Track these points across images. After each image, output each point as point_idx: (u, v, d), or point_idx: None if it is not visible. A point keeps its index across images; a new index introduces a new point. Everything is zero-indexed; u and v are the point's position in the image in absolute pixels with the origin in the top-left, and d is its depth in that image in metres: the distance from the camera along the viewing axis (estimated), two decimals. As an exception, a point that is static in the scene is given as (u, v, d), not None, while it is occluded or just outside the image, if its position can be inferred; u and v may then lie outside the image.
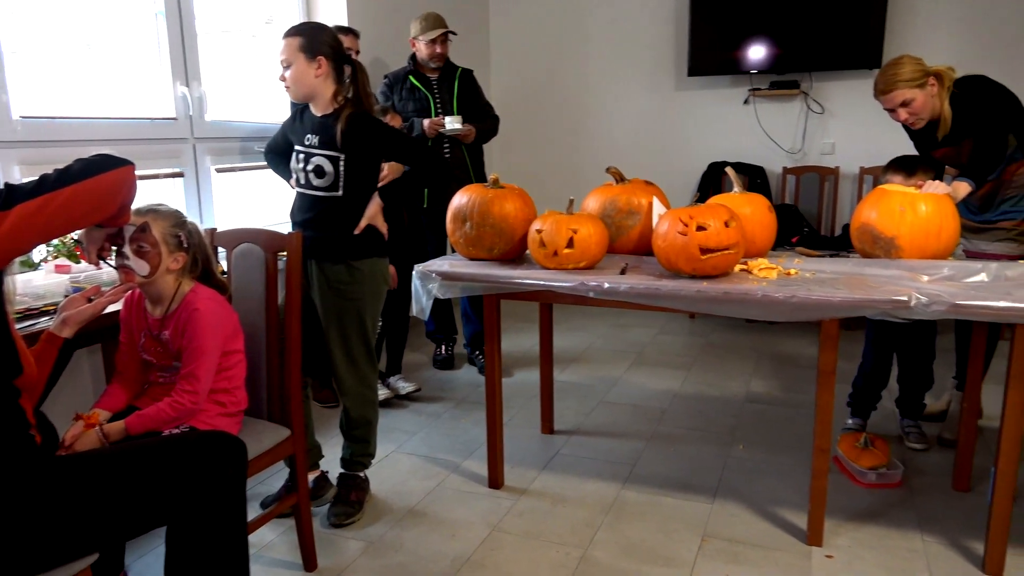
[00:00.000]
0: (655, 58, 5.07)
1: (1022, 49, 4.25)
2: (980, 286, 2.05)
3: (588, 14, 5.20)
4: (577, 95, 5.34)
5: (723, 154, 4.96)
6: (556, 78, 5.37)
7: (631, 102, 5.20)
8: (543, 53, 5.36)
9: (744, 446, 2.93)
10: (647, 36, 5.06)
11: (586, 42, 5.23)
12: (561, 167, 5.40)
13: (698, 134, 5.05)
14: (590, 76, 5.27)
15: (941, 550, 2.20)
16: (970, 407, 2.49)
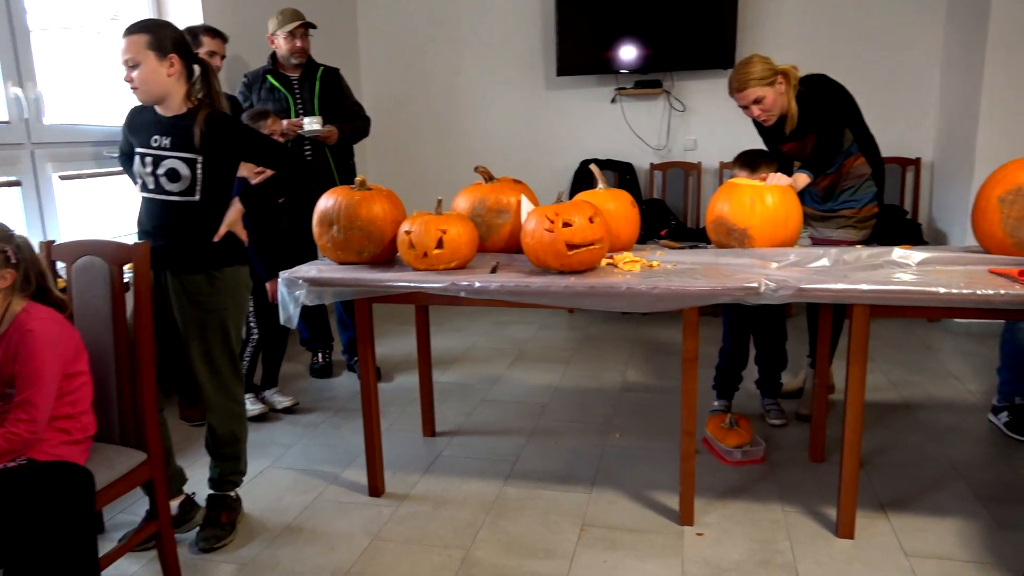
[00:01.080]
0: (525, 58, 5.14)
1: (859, 49, 4.61)
2: (822, 270, 2.20)
3: (458, 16, 5.20)
4: (449, 95, 5.33)
5: (594, 151, 5.09)
6: (428, 78, 5.34)
7: (503, 102, 5.24)
8: (414, 53, 5.32)
9: (620, 434, 3.01)
10: (517, 37, 5.12)
11: (457, 43, 5.23)
12: (435, 167, 5.37)
13: (569, 132, 5.16)
14: (462, 76, 5.28)
15: (800, 518, 2.35)
16: (820, 383, 2.67)
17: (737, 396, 3.11)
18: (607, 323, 4.65)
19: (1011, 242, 2.19)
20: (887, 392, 3.38)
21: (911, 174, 4.67)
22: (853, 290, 2.00)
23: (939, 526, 2.28)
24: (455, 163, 5.31)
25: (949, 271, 2.14)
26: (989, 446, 2.82)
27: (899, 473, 2.62)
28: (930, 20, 4.52)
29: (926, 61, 4.57)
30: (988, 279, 2.03)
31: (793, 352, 3.23)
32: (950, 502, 2.42)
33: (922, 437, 2.91)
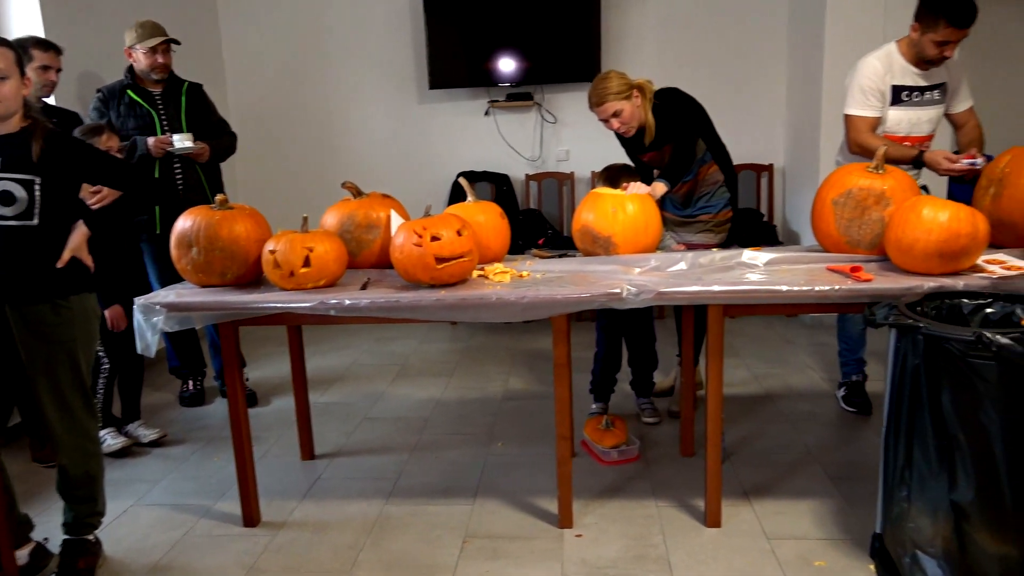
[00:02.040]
0: (397, 72, 5.12)
1: (713, 64, 4.90)
2: (680, 274, 2.32)
3: (326, 30, 5.11)
4: (320, 110, 5.23)
5: (470, 164, 5.13)
6: (297, 93, 5.21)
7: (376, 116, 5.20)
8: (282, 68, 5.18)
9: (503, 443, 3.05)
10: (388, 51, 5.09)
11: (327, 57, 5.14)
12: (308, 184, 5.23)
13: (444, 145, 5.18)
14: (333, 91, 5.19)
15: (672, 512, 2.45)
16: (687, 381, 2.80)
17: (614, 397, 3.21)
18: (489, 334, 4.69)
19: (844, 241, 2.38)
20: (751, 385, 3.60)
21: (765, 179, 5.00)
22: (706, 291, 2.12)
23: (796, 508, 2.44)
24: (329, 179, 5.18)
25: (793, 270, 2.30)
26: (839, 429, 3.05)
27: (761, 461, 2.79)
28: (774, 37, 4.86)
29: (773, 75, 4.91)
30: (826, 276, 2.20)
31: (665, 352, 3.37)
32: (806, 485, 2.60)
33: (782, 425, 3.11)
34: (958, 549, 1.84)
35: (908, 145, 2.82)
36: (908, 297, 2.01)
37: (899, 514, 1.95)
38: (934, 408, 1.82)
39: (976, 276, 2.10)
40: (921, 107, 2.86)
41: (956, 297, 2.02)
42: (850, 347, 3.22)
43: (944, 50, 2.70)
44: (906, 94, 2.84)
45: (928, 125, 2.91)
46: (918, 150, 2.77)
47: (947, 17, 2.62)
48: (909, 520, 1.93)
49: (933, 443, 1.84)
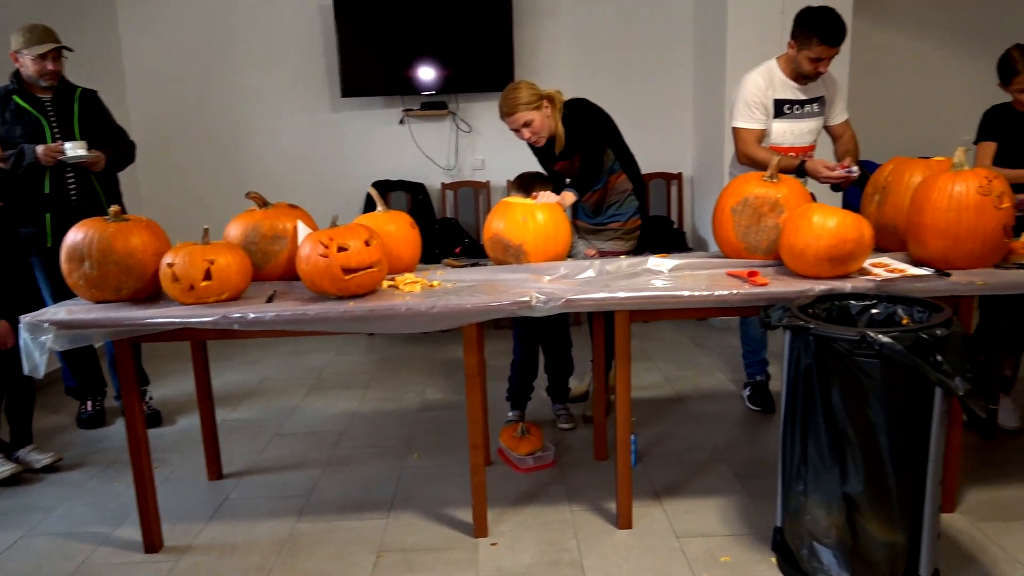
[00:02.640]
0: (309, 79, 5.03)
1: (623, 76, 5.02)
2: (588, 281, 2.36)
3: (233, 36, 4.97)
4: (228, 118, 5.07)
5: (385, 173, 5.09)
6: (204, 101, 5.04)
7: (288, 124, 5.09)
8: (187, 75, 5.00)
9: (419, 455, 3.02)
10: (298, 57, 4.99)
11: (234, 64, 5.00)
12: (213, 195, 5.05)
13: (359, 154, 5.12)
14: (241, 99, 5.05)
15: (586, 516, 2.49)
16: (599, 386, 2.85)
17: (530, 404, 3.23)
18: (407, 344, 4.65)
19: (743, 247, 2.48)
20: (663, 388, 3.69)
21: (675, 187, 5.15)
22: (613, 298, 2.17)
23: (704, 506, 2.52)
24: (236, 190, 4.92)
25: (695, 275, 2.37)
26: (745, 428, 3.17)
27: (672, 462, 2.87)
28: (681, 52, 5.03)
29: (681, 87, 5.08)
30: (726, 281, 2.29)
31: (581, 357, 3.42)
32: (714, 483, 2.68)
33: (692, 426, 3.20)
34: (851, 538, 1.94)
35: (792, 156, 2.96)
36: (801, 300, 2.11)
37: (797, 507, 2.04)
38: (825, 405, 1.91)
39: (863, 279, 2.21)
40: (802, 119, 3.02)
41: (844, 299, 2.13)
42: (753, 348, 3.35)
43: (818, 66, 2.87)
44: (788, 107, 2.99)
45: (809, 136, 3.08)
46: (800, 159, 2.92)
47: (819, 35, 2.80)
48: (806, 513, 2.01)
49: (826, 438, 1.93)
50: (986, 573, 2.10)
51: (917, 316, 2.02)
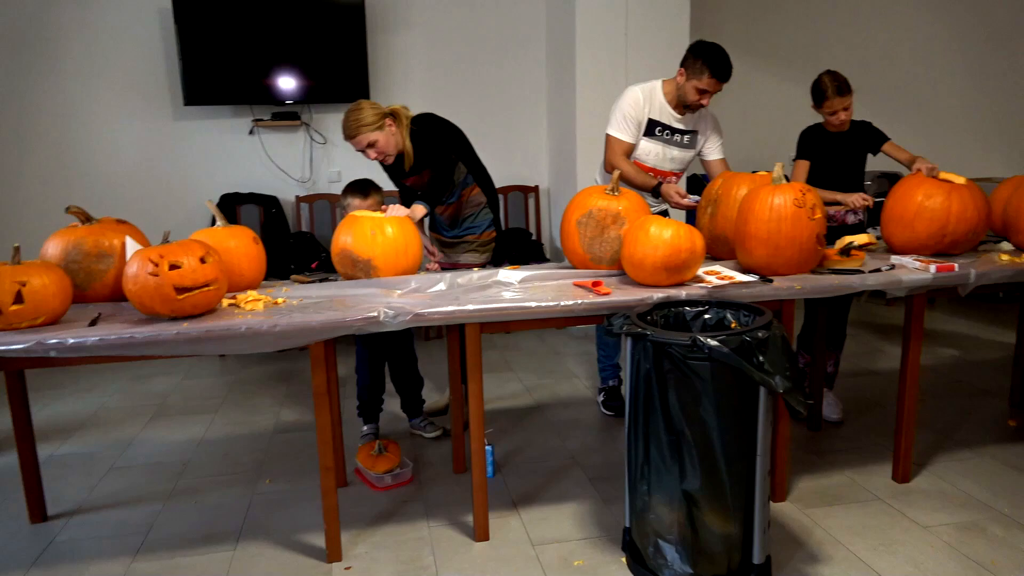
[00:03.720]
0: (146, 86, 4.71)
1: (480, 91, 5.09)
2: (439, 294, 2.35)
3: (61, 39, 4.58)
4: (51, 128, 4.65)
5: (235, 185, 4.86)
6: (22, 109, 4.60)
7: (122, 134, 4.74)
8: (7, 81, 4.56)
9: (271, 480, 2.89)
10: (133, 62, 4.67)
11: (62, 69, 4.60)
12: (42, 212, 4.63)
13: (205, 166, 4.86)
14: (71, 106, 4.65)
15: (443, 531, 2.47)
16: (455, 398, 2.85)
17: (391, 419, 3.18)
18: (262, 363, 4.45)
19: (589, 258, 2.56)
20: (523, 397, 3.74)
21: (532, 200, 5.26)
22: (462, 311, 2.17)
23: (559, 512, 2.57)
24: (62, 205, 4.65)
25: (544, 286, 2.43)
26: (600, 433, 3.26)
27: (530, 470, 2.91)
28: (535, 68, 5.16)
29: (536, 102, 5.20)
30: (572, 291, 2.35)
31: (443, 372, 3.40)
32: (569, 488, 2.74)
33: (549, 434, 3.26)
34: (691, 533, 2.04)
35: (651, 176, 3.08)
36: (640, 307, 2.20)
37: (642, 507, 2.12)
38: (664, 407, 2.00)
39: (697, 286, 2.34)
40: (669, 145, 3.13)
41: (680, 305, 2.25)
42: (607, 354, 3.46)
43: (702, 98, 3.00)
44: (659, 130, 3.09)
45: (672, 163, 3.18)
46: (657, 180, 3.02)
47: (711, 68, 2.92)
48: (650, 512, 2.10)
49: (665, 439, 2.02)
50: (812, 555, 2.27)
51: (743, 320, 2.16)
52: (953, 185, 2.68)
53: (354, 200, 2.88)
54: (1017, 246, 2.86)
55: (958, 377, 3.88)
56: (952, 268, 2.50)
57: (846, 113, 3.05)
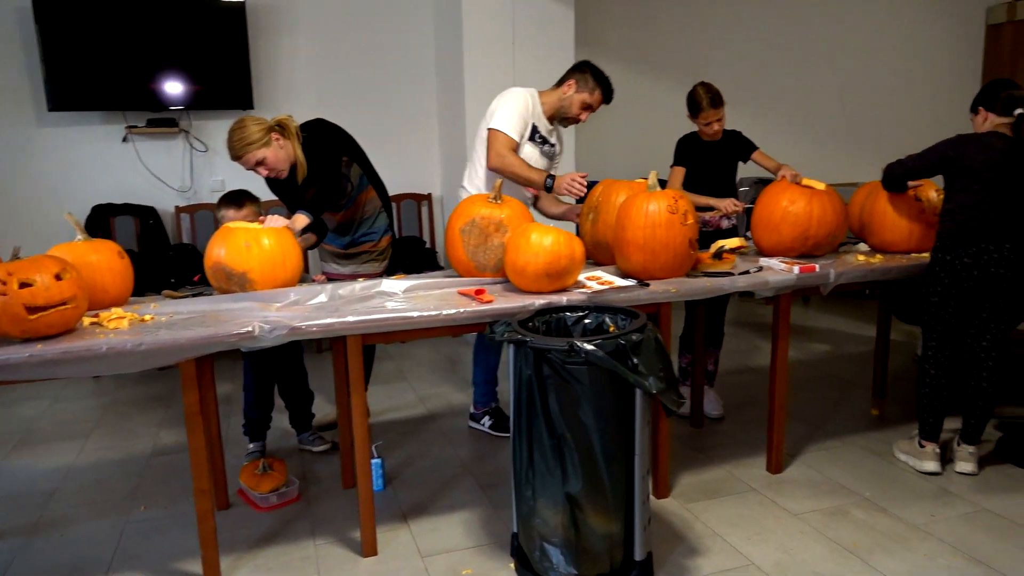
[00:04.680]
0: (6, 91, 4.39)
1: (370, 99, 5.02)
2: (320, 307, 2.30)
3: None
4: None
5: (108, 196, 4.59)
6: None
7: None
8: None
9: (146, 506, 2.74)
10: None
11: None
12: None
13: (74, 176, 4.57)
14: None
15: (330, 548, 2.41)
16: (342, 412, 2.79)
17: (279, 435, 3.08)
18: (140, 383, 4.22)
19: (473, 265, 2.57)
20: (416, 408, 3.71)
21: (425, 208, 5.24)
22: (341, 323, 2.13)
23: (450, 522, 2.56)
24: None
25: (428, 296, 2.42)
26: (491, 440, 3.27)
27: (421, 480, 2.88)
28: (424, 73, 5.14)
29: (426, 109, 5.19)
30: (455, 299, 2.35)
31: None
32: (460, 497, 2.74)
33: (442, 443, 3.24)
34: (574, 535, 2.07)
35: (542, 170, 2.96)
36: (522, 314, 2.23)
37: (528, 511, 2.14)
38: (545, 411, 2.03)
39: (578, 292, 2.40)
40: (542, 154, 3.14)
41: (561, 311, 2.29)
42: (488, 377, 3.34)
43: (583, 114, 3.05)
44: (537, 136, 3.08)
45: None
46: (548, 174, 2.89)
47: (603, 88, 3.02)
48: (536, 516, 2.12)
49: (548, 443, 2.05)
50: (692, 548, 2.36)
51: (621, 323, 2.22)
52: (814, 191, 2.85)
53: (228, 211, 2.78)
54: (872, 247, 3.08)
55: (828, 371, 4.13)
56: (814, 269, 2.66)
57: (719, 124, 3.19)
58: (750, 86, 5.98)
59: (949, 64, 6.75)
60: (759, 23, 6.06)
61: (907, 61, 6.59)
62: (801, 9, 6.18)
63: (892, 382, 3.77)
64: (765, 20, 6.07)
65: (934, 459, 2.78)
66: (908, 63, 6.60)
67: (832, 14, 6.29)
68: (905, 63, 6.59)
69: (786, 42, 6.17)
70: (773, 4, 6.08)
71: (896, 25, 6.51)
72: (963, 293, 2.65)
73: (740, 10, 5.99)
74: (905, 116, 6.56)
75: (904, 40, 6.56)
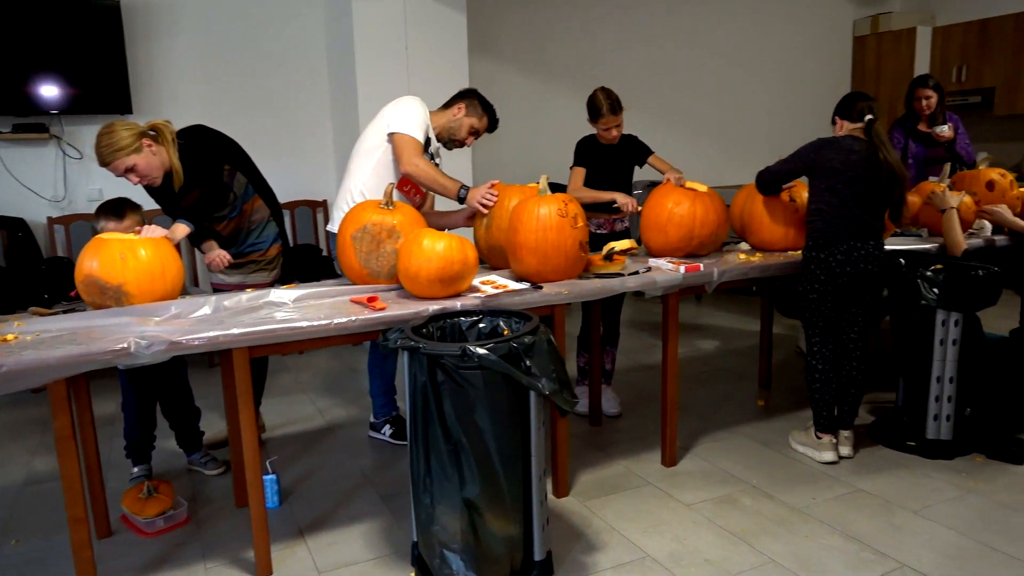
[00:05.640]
0: None
1: (260, 104, 4.87)
2: (203, 319, 2.21)
3: None
4: None
5: (-31, 207, 4.26)
6: None
7: None
8: None
9: (18, 540, 2.55)
10: None
11: None
12: None
13: (-71, 185, 4.22)
14: None
15: (222, 570, 2.32)
16: (232, 430, 2.69)
17: (167, 457, 2.93)
18: (13, 407, 3.93)
19: (366, 273, 2.54)
20: (315, 420, 3.62)
21: (321, 214, 5.13)
22: (225, 336, 2.05)
23: (349, 535, 2.51)
24: None
25: (319, 304, 2.36)
26: (392, 449, 3.23)
27: (320, 494, 2.81)
28: (317, 79, 5.03)
29: (318, 115, 5.08)
30: (348, 308, 2.31)
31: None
32: (360, 508, 2.69)
33: (342, 454, 3.18)
34: (474, 540, 2.07)
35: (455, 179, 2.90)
36: (416, 320, 2.21)
37: (427, 519, 2.12)
38: (441, 417, 2.02)
39: (472, 296, 2.40)
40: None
41: (455, 316, 2.29)
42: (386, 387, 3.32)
43: (469, 138, 3.08)
44: (428, 151, 3.03)
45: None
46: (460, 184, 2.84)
47: (490, 118, 3.09)
48: (435, 523, 2.11)
49: (444, 449, 2.04)
50: (591, 544, 2.40)
51: (515, 327, 2.24)
52: (697, 193, 2.97)
53: (108, 223, 2.62)
54: (752, 246, 3.24)
55: (719, 365, 4.32)
56: (698, 268, 2.78)
57: (617, 130, 3.27)
58: (640, 91, 6.16)
59: (822, 73, 7.20)
60: (649, 31, 6.26)
61: (783, 70, 6.99)
62: (687, 19, 6.44)
63: (776, 373, 3.98)
64: (654, 29, 6.29)
65: (831, 449, 2.93)
66: (784, 72, 6.99)
67: (717, 23, 6.58)
68: (781, 72, 6.98)
69: (674, 50, 6.41)
70: (662, 13, 6.31)
71: (773, 36, 6.89)
72: (839, 289, 2.82)
73: (631, 18, 6.18)
74: (782, 122, 6.94)
75: (780, 50, 6.95)
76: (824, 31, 7.18)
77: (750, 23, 6.73)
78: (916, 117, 4.16)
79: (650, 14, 6.26)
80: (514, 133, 5.60)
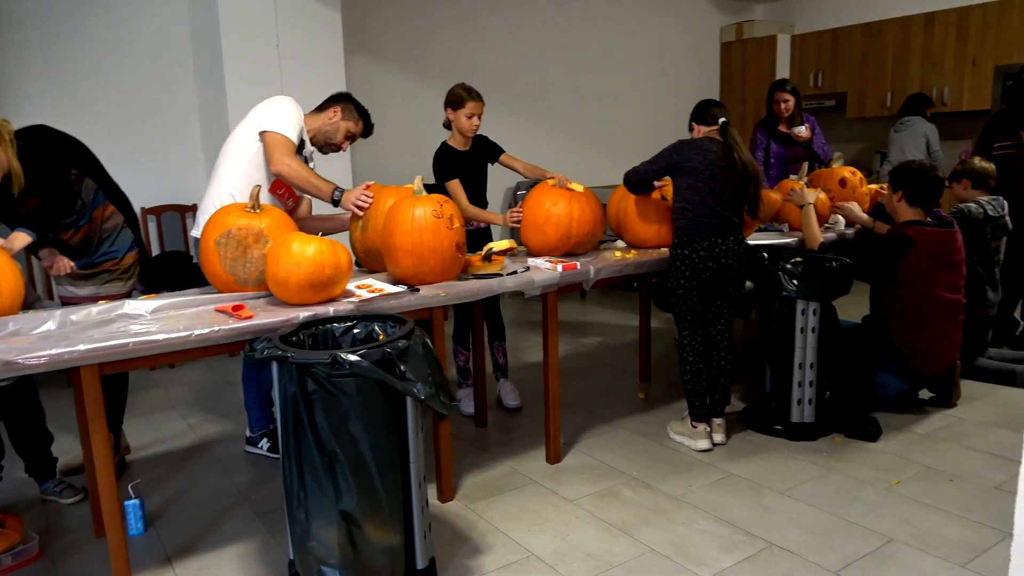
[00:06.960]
0: None
1: (122, 105, 4.55)
2: (46, 335, 2.03)
3: None
4: None
5: None
6: None
7: None
8: None
9: None
10: None
11: None
12: None
13: None
14: None
15: (78, 607, 2.14)
16: (86, 453, 2.48)
17: (20, 482, 2.68)
18: None
19: (232, 280, 2.41)
20: (186, 437, 3.42)
21: (190, 219, 4.86)
22: (71, 353, 1.90)
23: (222, 557, 2.38)
24: None
25: (179, 315, 2.23)
26: (269, 464, 3.10)
27: (191, 516, 2.65)
28: (183, 79, 4.76)
29: (186, 116, 4.81)
30: (212, 317, 2.19)
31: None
32: (235, 528, 2.56)
33: (215, 472, 3.02)
34: (353, 552, 2.00)
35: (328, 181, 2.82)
36: (285, 328, 2.12)
37: (302, 535, 2.04)
38: (313, 429, 1.94)
39: (346, 301, 2.33)
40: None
41: (328, 322, 2.21)
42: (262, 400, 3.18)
43: (345, 143, 3.03)
44: (303, 152, 2.91)
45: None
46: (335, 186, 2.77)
47: (366, 123, 3.06)
48: (311, 538, 2.02)
49: (318, 461, 1.96)
50: (475, 548, 2.39)
51: (390, 331, 2.19)
52: (573, 193, 3.02)
53: None
54: (628, 244, 3.32)
55: (601, 360, 4.41)
56: (575, 267, 2.82)
57: (479, 119, 3.26)
58: (518, 91, 6.23)
59: (693, 77, 7.51)
60: (527, 32, 6.32)
61: (657, 74, 7.24)
62: (564, 23, 6.55)
63: (656, 366, 4.10)
64: (532, 29, 6.35)
65: (706, 437, 3.04)
66: (658, 75, 7.25)
67: (592, 29, 6.73)
68: (655, 75, 7.23)
69: (552, 53, 6.51)
70: (539, 14, 6.38)
71: (646, 42, 7.13)
72: (703, 283, 2.94)
73: (509, 18, 6.21)
74: (656, 123, 7.19)
75: (653, 55, 7.19)
76: (694, 37, 7.50)
77: (624, 30, 6.93)
78: (776, 119, 4.41)
79: (529, 18, 6.32)
80: (394, 134, 5.51)
